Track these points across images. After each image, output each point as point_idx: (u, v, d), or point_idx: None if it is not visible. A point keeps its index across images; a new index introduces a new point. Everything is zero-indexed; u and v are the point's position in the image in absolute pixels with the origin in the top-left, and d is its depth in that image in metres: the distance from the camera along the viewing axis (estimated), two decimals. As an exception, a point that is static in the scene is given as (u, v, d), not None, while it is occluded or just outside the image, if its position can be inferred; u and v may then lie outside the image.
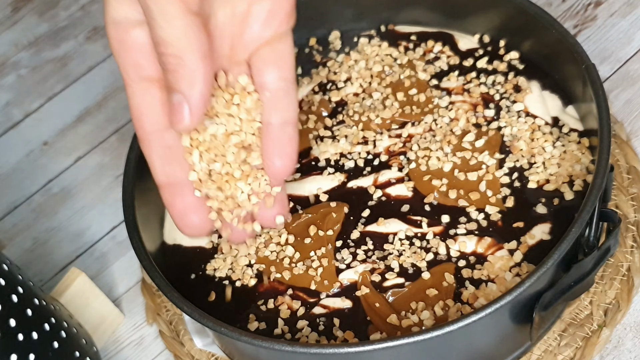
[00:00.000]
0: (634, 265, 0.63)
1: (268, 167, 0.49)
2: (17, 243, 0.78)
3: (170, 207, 0.50)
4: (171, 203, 0.50)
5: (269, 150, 0.49)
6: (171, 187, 0.49)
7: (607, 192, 0.56)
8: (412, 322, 0.53)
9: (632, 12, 0.78)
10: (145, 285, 0.72)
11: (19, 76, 0.91)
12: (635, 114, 0.72)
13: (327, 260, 0.57)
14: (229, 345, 0.60)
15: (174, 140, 0.48)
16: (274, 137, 0.49)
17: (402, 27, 0.70)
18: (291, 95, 0.49)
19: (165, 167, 0.49)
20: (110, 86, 0.88)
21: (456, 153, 0.60)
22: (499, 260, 0.55)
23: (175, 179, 0.49)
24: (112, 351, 0.70)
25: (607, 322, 0.61)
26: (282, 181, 0.52)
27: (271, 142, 0.49)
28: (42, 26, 0.95)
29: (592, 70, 0.57)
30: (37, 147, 0.85)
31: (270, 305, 0.57)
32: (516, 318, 0.53)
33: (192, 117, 0.45)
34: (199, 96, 0.45)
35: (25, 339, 0.54)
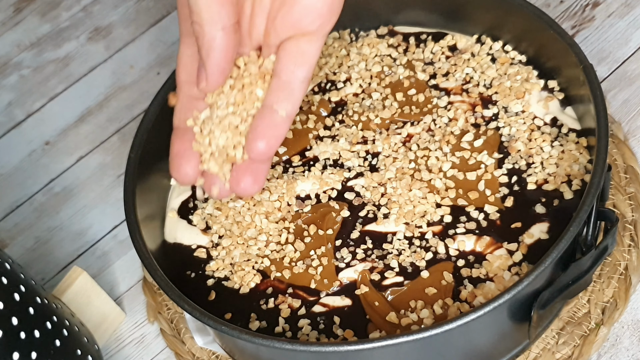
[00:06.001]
0: (632, 264, 0.63)
1: (249, 144, 0.50)
2: (19, 242, 0.79)
3: (170, 148, 0.53)
4: (172, 144, 0.53)
5: (254, 128, 0.50)
6: (179, 130, 0.52)
7: (605, 192, 0.56)
8: (411, 320, 0.54)
9: (630, 12, 0.78)
10: (147, 283, 0.72)
11: (21, 76, 0.92)
12: (632, 114, 0.72)
13: (326, 259, 0.58)
14: (229, 344, 0.60)
15: (199, 94, 0.51)
16: (264, 119, 0.50)
17: (402, 27, 0.70)
18: (297, 93, 0.50)
19: (181, 113, 0.52)
20: (112, 86, 0.88)
21: (455, 153, 0.60)
22: (497, 259, 0.55)
23: (184, 125, 0.52)
24: (113, 349, 0.70)
25: (605, 320, 0.61)
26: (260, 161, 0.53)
27: (260, 121, 0.50)
28: (44, 27, 0.95)
29: (590, 71, 0.57)
30: (39, 146, 0.86)
31: (271, 304, 0.57)
32: (514, 316, 0.53)
33: (208, 82, 0.48)
34: (214, 64, 0.47)
35: (27, 338, 0.54)
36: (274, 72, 0.50)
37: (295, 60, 0.49)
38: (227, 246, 0.60)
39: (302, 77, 0.49)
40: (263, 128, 0.50)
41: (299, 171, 0.63)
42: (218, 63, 0.47)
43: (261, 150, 0.50)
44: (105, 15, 0.95)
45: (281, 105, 0.49)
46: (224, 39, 0.47)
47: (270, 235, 0.60)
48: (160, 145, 0.64)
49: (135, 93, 0.87)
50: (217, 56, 0.47)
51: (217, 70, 0.48)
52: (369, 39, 0.69)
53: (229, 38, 0.47)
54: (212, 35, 0.46)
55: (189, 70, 0.51)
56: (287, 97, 0.50)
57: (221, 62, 0.48)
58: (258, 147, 0.50)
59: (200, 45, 0.47)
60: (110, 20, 0.94)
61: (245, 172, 0.51)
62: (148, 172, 0.62)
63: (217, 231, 0.61)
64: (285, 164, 0.64)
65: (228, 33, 0.47)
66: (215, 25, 0.46)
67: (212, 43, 0.47)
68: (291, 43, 0.49)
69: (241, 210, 0.61)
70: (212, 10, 0.46)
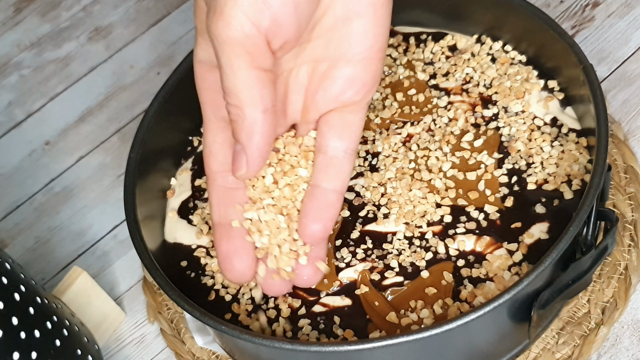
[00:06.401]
0: (632, 263, 0.63)
1: (301, 227, 0.49)
2: (19, 242, 0.79)
3: (217, 247, 0.51)
4: (218, 243, 0.50)
5: (306, 211, 0.49)
6: (222, 227, 0.50)
7: (605, 192, 0.56)
8: (411, 320, 0.54)
9: (630, 12, 0.78)
10: (147, 283, 0.72)
11: (21, 76, 0.92)
12: (632, 114, 0.72)
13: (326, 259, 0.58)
14: (229, 344, 0.60)
15: (235, 183, 0.49)
16: (315, 200, 0.49)
17: (402, 27, 0.70)
18: (346, 167, 0.49)
19: (220, 207, 0.49)
20: (112, 86, 0.88)
21: (455, 153, 0.60)
22: (497, 259, 0.55)
23: (227, 221, 0.50)
24: (113, 349, 0.70)
25: (605, 320, 0.61)
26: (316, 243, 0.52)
27: (311, 203, 0.49)
28: (44, 27, 0.96)
29: (590, 71, 0.57)
30: (39, 146, 0.86)
31: (271, 304, 0.57)
32: (514, 316, 0.53)
33: (249, 168, 0.45)
34: (256, 149, 0.45)
35: (27, 337, 0.54)
36: (317, 148, 0.48)
37: (341, 133, 0.48)
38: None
39: (350, 150, 0.48)
40: (316, 210, 0.48)
41: (299, 171, 0.63)
42: (260, 147, 0.45)
43: (317, 234, 0.49)
44: (105, 15, 0.95)
45: (330, 183, 0.48)
46: (267, 122, 0.45)
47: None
48: (160, 145, 0.64)
49: (135, 93, 0.87)
50: (260, 140, 0.45)
51: (259, 155, 0.45)
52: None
53: (271, 120, 0.45)
54: (253, 118, 0.44)
55: (221, 160, 0.48)
56: (336, 174, 0.48)
57: (263, 146, 0.45)
58: (313, 231, 0.48)
59: (239, 129, 0.45)
60: (110, 20, 0.94)
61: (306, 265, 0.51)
62: (148, 172, 0.62)
63: (217, 231, 0.61)
64: (285, 164, 0.64)
65: (270, 115, 0.45)
66: (257, 108, 0.44)
67: (254, 126, 0.44)
68: (334, 116, 0.47)
69: (241, 210, 0.61)
70: (253, 92, 0.44)
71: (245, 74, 0.43)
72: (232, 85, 0.43)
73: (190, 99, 0.67)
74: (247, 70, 0.43)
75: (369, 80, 0.47)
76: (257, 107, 0.44)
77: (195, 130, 0.68)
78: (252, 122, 0.44)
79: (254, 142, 0.45)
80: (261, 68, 0.43)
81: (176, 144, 0.67)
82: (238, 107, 0.44)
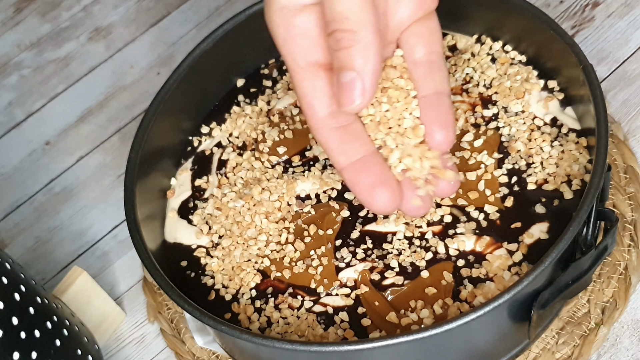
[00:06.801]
0: (631, 263, 0.63)
1: (429, 138, 0.47)
2: (20, 242, 0.79)
3: (355, 185, 0.47)
4: (356, 181, 0.47)
5: (428, 121, 0.47)
6: (355, 165, 0.47)
7: (605, 192, 0.56)
8: (411, 320, 0.54)
9: (630, 12, 0.78)
10: (147, 283, 0.72)
11: (22, 76, 0.92)
12: (632, 114, 0.72)
13: (326, 259, 0.58)
14: (229, 344, 0.60)
15: (348, 119, 0.47)
16: (431, 108, 0.47)
17: (402, 27, 0.70)
18: (443, 68, 0.48)
19: (344, 147, 0.47)
20: (112, 86, 0.88)
21: (455, 153, 0.60)
22: (497, 259, 0.55)
23: (357, 156, 0.47)
24: (113, 349, 0.70)
25: (605, 320, 0.61)
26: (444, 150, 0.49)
27: (429, 112, 0.47)
28: (45, 27, 0.96)
29: (590, 71, 0.57)
30: (39, 146, 0.86)
31: (271, 304, 0.57)
32: (514, 316, 0.53)
33: (365, 94, 0.43)
34: (374, 71, 0.43)
35: (27, 337, 0.54)
36: (411, 61, 0.47)
37: (429, 40, 0.47)
38: (227, 246, 0.60)
39: (441, 52, 0.47)
40: (439, 116, 0.47)
41: (299, 171, 0.63)
42: (377, 70, 0.43)
43: (446, 140, 0.47)
44: (105, 15, 0.95)
45: (440, 87, 0.47)
46: (380, 42, 0.43)
47: (270, 235, 0.60)
48: (160, 145, 0.65)
49: (135, 93, 0.87)
50: (377, 63, 0.43)
51: (376, 80, 0.44)
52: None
53: (382, 42, 0.44)
54: (370, 39, 0.43)
55: (327, 102, 0.46)
56: (441, 77, 0.47)
57: (379, 69, 0.44)
58: (441, 138, 0.47)
59: (354, 55, 0.43)
60: (110, 20, 0.94)
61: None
62: (148, 172, 0.63)
63: (217, 231, 0.61)
64: (285, 164, 0.64)
65: (380, 35, 0.43)
66: (371, 28, 0.43)
67: (370, 49, 0.43)
68: (417, 27, 0.46)
69: (241, 210, 0.61)
70: (366, 11, 0.42)
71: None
72: (345, 8, 0.42)
73: (191, 99, 0.67)
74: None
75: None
76: (371, 27, 0.42)
77: (195, 130, 0.68)
78: (369, 44, 0.43)
79: (372, 66, 0.43)
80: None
81: (176, 144, 0.67)
82: (352, 31, 0.42)
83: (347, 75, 0.43)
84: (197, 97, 0.68)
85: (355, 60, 0.43)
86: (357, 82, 0.43)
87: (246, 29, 0.67)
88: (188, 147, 0.68)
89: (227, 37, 0.67)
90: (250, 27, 0.67)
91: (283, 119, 0.66)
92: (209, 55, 0.66)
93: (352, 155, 0.47)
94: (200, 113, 0.69)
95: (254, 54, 0.70)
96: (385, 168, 0.47)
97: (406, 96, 0.47)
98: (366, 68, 0.43)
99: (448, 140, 0.47)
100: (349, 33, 0.43)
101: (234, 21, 0.66)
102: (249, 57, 0.70)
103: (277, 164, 0.64)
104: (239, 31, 0.67)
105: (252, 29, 0.67)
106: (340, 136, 0.46)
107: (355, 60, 0.43)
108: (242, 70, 0.71)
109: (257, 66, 0.71)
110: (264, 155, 0.65)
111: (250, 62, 0.71)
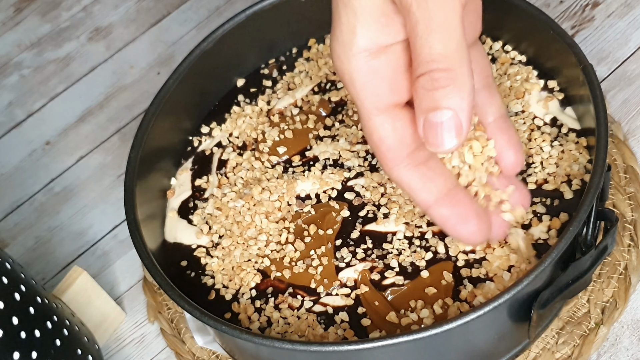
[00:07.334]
0: (631, 263, 0.63)
1: (503, 162, 0.48)
2: (20, 242, 0.79)
3: (446, 221, 0.47)
4: (447, 217, 0.47)
5: (501, 146, 0.48)
6: (442, 201, 0.47)
7: (605, 191, 0.56)
8: (411, 320, 0.54)
9: (630, 13, 0.78)
10: (147, 283, 0.72)
11: (22, 76, 0.92)
12: (632, 114, 0.72)
13: (326, 258, 0.58)
14: (229, 343, 0.60)
15: (427, 156, 0.46)
16: (501, 132, 0.48)
17: (402, 27, 0.70)
18: (497, 91, 0.48)
19: (428, 185, 0.46)
20: (112, 86, 0.88)
21: (455, 153, 0.60)
22: (497, 259, 0.55)
23: (443, 192, 0.47)
24: (113, 349, 0.70)
25: (605, 320, 0.61)
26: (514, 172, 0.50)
27: (500, 137, 0.48)
28: (45, 27, 0.96)
29: (590, 71, 0.57)
30: (39, 146, 0.86)
31: (271, 304, 0.57)
32: (514, 316, 0.53)
33: (462, 133, 0.42)
34: (469, 110, 0.42)
35: (27, 337, 0.54)
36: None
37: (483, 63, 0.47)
38: (227, 246, 0.60)
39: (492, 75, 0.48)
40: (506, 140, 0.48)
41: (299, 171, 0.63)
42: (471, 108, 0.43)
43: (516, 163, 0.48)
44: (105, 15, 0.95)
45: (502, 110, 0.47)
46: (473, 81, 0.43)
47: (270, 235, 0.60)
48: (160, 145, 0.65)
49: (135, 93, 0.87)
50: (472, 101, 0.42)
51: (471, 118, 0.43)
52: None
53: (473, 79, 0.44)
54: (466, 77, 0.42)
55: (407, 141, 0.45)
56: (500, 100, 0.48)
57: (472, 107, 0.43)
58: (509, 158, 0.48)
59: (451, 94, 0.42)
60: (110, 20, 0.94)
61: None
62: (148, 172, 0.63)
63: (217, 231, 0.61)
64: (285, 164, 0.64)
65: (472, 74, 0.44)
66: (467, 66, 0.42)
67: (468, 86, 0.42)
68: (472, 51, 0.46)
69: (241, 210, 0.61)
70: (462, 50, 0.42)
71: (459, 33, 0.41)
72: (445, 48, 0.41)
73: (191, 99, 0.67)
74: (460, 28, 0.41)
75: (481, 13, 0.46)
76: (468, 66, 0.42)
77: (195, 130, 0.68)
78: (465, 82, 0.42)
79: (468, 105, 0.42)
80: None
81: (176, 144, 0.67)
82: (450, 70, 0.41)
83: (443, 115, 0.42)
84: (197, 97, 0.68)
85: (452, 99, 0.42)
86: (453, 121, 0.42)
87: (246, 29, 0.67)
88: (188, 147, 0.68)
89: (227, 37, 0.67)
90: (250, 27, 0.67)
91: (283, 119, 0.67)
92: (209, 55, 0.66)
93: (436, 192, 0.46)
94: (200, 113, 0.69)
95: (254, 54, 0.70)
96: (472, 200, 0.47)
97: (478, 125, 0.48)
98: (463, 107, 0.42)
99: (521, 161, 0.48)
100: (447, 72, 0.41)
101: (234, 21, 0.66)
102: (249, 57, 0.70)
103: (277, 163, 0.64)
104: (239, 31, 0.67)
105: (252, 29, 0.67)
106: (422, 174, 0.46)
107: (452, 99, 0.42)
108: (242, 70, 0.71)
109: (257, 66, 0.71)
110: (264, 155, 0.65)
111: (250, 62, 0.71)
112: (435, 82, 0.42)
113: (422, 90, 0.42)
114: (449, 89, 0.42)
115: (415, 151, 0.45)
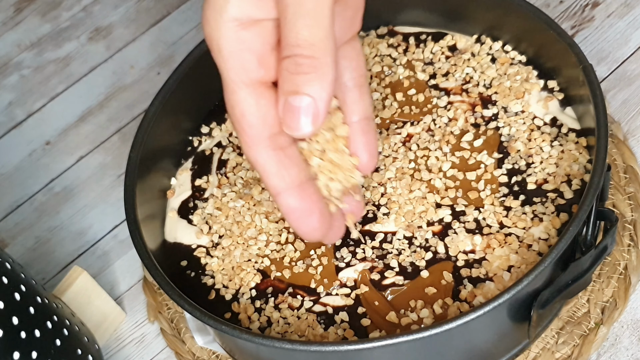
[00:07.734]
0: (631, 263, 0.63)
1: (359, 163, 0.49)
2: (20, 242, 0.79)
3: (291, 212, 0.47)
4: (293, 208, 0.47)
5: (358, 148, 0.49)
6: (291, 191, 0.47)
7: (604, 191, 0.57)
8: (411, 320, 0.54)
9: (629, 13, 0.78)
10: (147, 283, 0.72)
11: (22, 76, 0.92)
12: (632, 114, 0.72)
13: (326, 258, 0.58)
14: (229, 343, 0.60)
15: (287, 141, 0.46)
16: (362, 134, 0.49)
17: (402, 27, 0.70)
18: (369, 91, 0.49)
19: (282, 171, 0.46)
20: (112, 86, 0.88)
21: (455, 153, 0.61)
22: (497, 259, 0.55)
23: (295, 182, 0.47)
24: (113, 349, 0.70)
25: (605, 320, 0.61)
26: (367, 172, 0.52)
27: (360, 138, 0.49)
28: (45, 27, 0.96)
29: (590, 71, 0.57)
30: (39, 146, 0.86)
31: (271, 304, 0.57)
32: (514, 316, 0.53)
33: (318, 121, 0.43)
34: (328, 100, 0.43)
35: (27, 337, 0.54)
36: (341, 84, 0.48)
37: (356, 63, 0.48)
38: (227, 246, 0.60)
39: (367, 74, 0.48)
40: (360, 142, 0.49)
41: (299, 171, 0.63)
42: (330, 99, 0.43)
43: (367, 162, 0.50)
44: (105, 15, 0.95)
45: (368, 111, 0.49)
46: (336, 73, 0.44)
47: (270, 235, 0.60)
48: (160, 145, 0.65)
49: (135, 93, 0.87)
50: (332, 92, 0.43)
51: (328, 108, 0.44)
52: (369, 39, 0.69)
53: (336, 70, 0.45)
54: (329, 67, 0.43)
55: (270, 122, 0.45)
56: (370, 101, 0.49)
57: (332, 97, 0.44)
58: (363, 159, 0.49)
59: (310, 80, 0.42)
60: (110, 20, 0.94)
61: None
62: (148, 172, 0.63)
63: (217, 231, 0.61)
64: (285, 164, 0.64)
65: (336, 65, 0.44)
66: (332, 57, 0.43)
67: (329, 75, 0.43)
68: (346, 48, 0.47)
69: (241, 210, 0.61)
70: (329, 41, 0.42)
71: (329, 22, 0.42)
72: (311, 35, 0.42)
73: (191, 99, 0.67)
74: (330, 17, 0.42)
75: (362, 11, 0.47)
76: (332, 57, 0.42)
77: (195, 130, 0.68)
78: (327, 72, 0.42)
79: (327, 95, 0.43)
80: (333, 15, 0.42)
81: (176, 144, 0.67)
82: (314, 58, 0.42)
83: (302, 100, 0.43)
84: (197, 97, 0.68)
85: (313, 86, 0.42)
86: (311, 108, 0.43)
87: (246, 29, 0.67)
88: (188, 147, 0.68)
89: (227, 37, 0.66)
90: (250, 27, 0.67)
91: (283, 119, 0.66)
92: (209, 55, 0.66)
93: (289, 181, 0.46)
94: (200, 113, 0.69)
95: (254, 54, 0.70)
96: (320, 197, 0.48)
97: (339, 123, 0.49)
98: (322, 96, 0.43)
99: (373, 165, 0.50)
100: (311, 60, 0.42)
101: (234, 21, 0.66)
102: (249, 57, 0.70)
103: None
104: (239, 31, 0.67)
105: (252, 29, 0.67)
106: (279, 160, 0.46)
107: (313, 87, 0.42)
108: (242, 70, 0.71)
109: (257, 66, 0.71)
110: (264, 155, 0.65)
111: (250, 62, 0.71)
112: (299, 67, 0.42)
113: (285, 72, 0.43)
114: (310, 76, 0.42)
115: (277, 135, 0.45)
